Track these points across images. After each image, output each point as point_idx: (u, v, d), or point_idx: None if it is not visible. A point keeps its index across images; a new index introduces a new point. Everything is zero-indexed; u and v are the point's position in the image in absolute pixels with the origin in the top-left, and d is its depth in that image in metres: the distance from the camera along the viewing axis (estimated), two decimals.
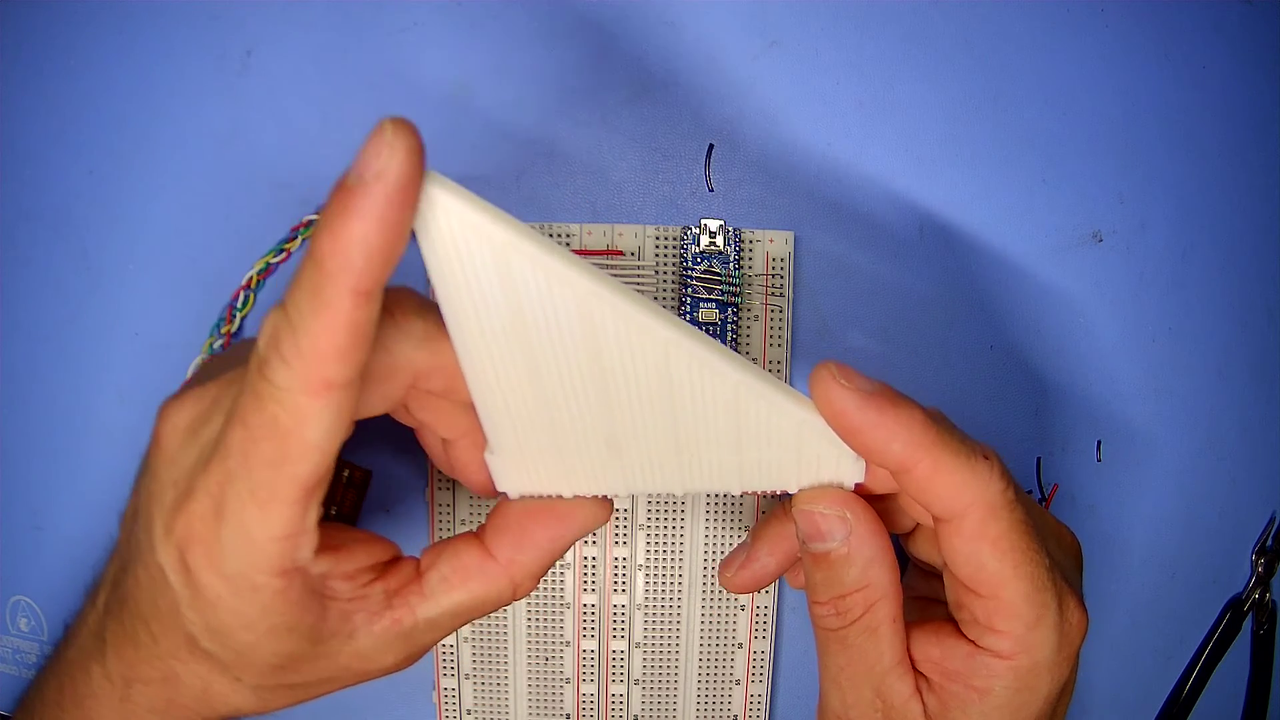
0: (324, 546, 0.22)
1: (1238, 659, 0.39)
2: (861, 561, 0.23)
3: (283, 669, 0.22)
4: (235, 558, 0.20)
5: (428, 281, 0.25)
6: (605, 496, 0.24)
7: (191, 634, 0.22)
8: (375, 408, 0.22)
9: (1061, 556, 0.25)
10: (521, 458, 0.23)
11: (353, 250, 0.18)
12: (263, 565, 0.20)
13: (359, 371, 0.19)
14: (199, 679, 0.23)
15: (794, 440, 0.23)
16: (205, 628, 0.21)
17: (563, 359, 0.21)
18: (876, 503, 0.25)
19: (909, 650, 0.24)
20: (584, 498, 0.24)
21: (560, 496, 0.24)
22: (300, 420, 0.19)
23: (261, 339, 0.19)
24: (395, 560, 0.24)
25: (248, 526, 0.20)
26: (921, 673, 0.24)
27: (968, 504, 0.22)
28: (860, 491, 0.24)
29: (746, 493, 0.25)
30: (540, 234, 0.20)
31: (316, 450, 0.20)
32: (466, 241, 0.19)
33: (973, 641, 0.23)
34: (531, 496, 0.24)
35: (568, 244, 0.34)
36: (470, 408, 0.23)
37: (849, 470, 0.24)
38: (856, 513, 0.24)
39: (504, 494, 0.24)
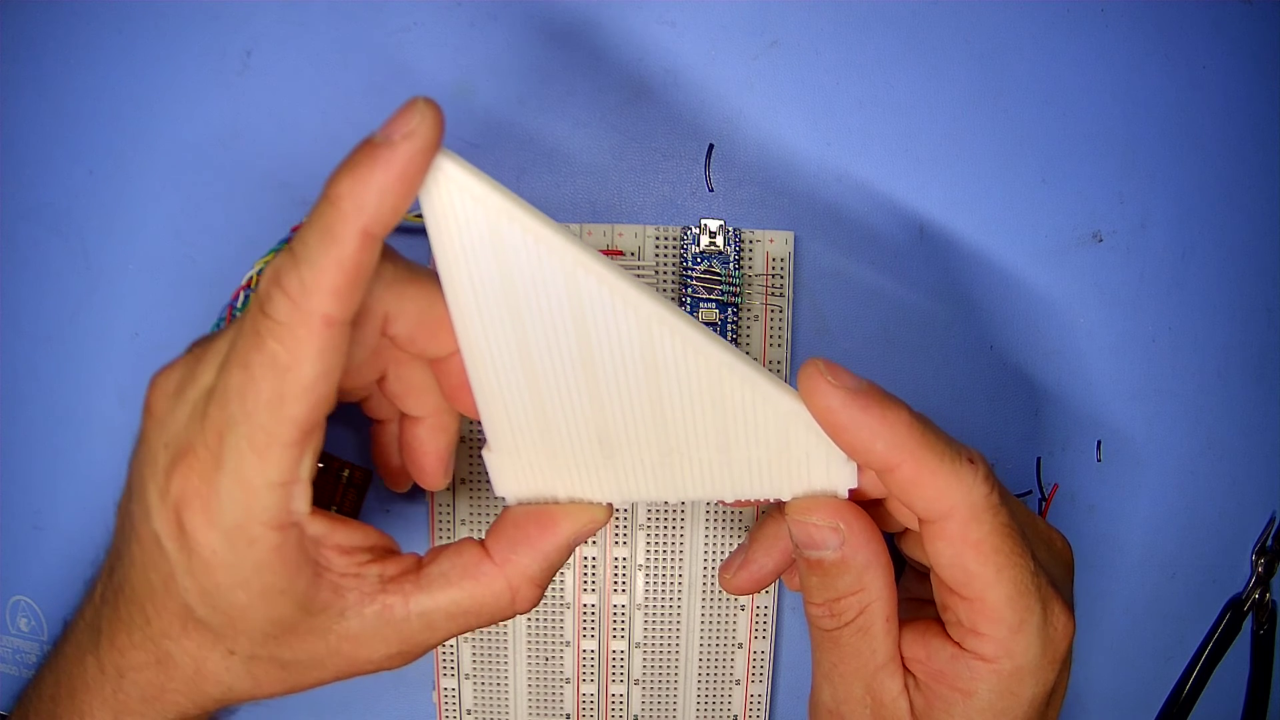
0: (320, 516, 0.22)
1: (1238, 659, 0.39)
2: (855, 568, 0.24)
3: (275, 639, 0.23)
4: (233, 509, 0.21)
5: (430, 260, 0.25)
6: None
7: (186, 603, 0.22)
8: (355, 358, 0.23)
9: (1050, 561, 0.25)
10: (518, 457, 0.24)
11: (370, 193, 0.19)
12: (259, 515, 0.21)
13: (354, 313, 0.20)
14: (191, 657, 0.23)
15: (781, 436, 0.23)
16: (200, 592, 0.22)
17: (551, 337, 0.22)
18: (871, 503, 0.25)
19: (900, 649, 0.25)
20: (580, 502, 0.24)
21: (556, 500, 0.24)
22: (299, 356, 0.20)
23: (263, 281, 0.20)
24: (396, 553, 0.24)
25: (246, 473, 0.21)
26: (910, 671, 0.25)
27: (950, 507, 0.22)
28: (854, 496, 0.24)
29: (740, 501, 0.25)
30: (536, 209, 0.21)
31: (313, 390, 0.20)
32: (464, 208, 0.20)
33: (957, 643, 0.24)
34: (528, 501, 0.24)
35: None
36: (435, 381, 0.25)
37: (840, 474, 0.24)
38: (850, 521, 0.24)
39: (501, 499, 0.25)
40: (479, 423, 0.24)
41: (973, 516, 0.22)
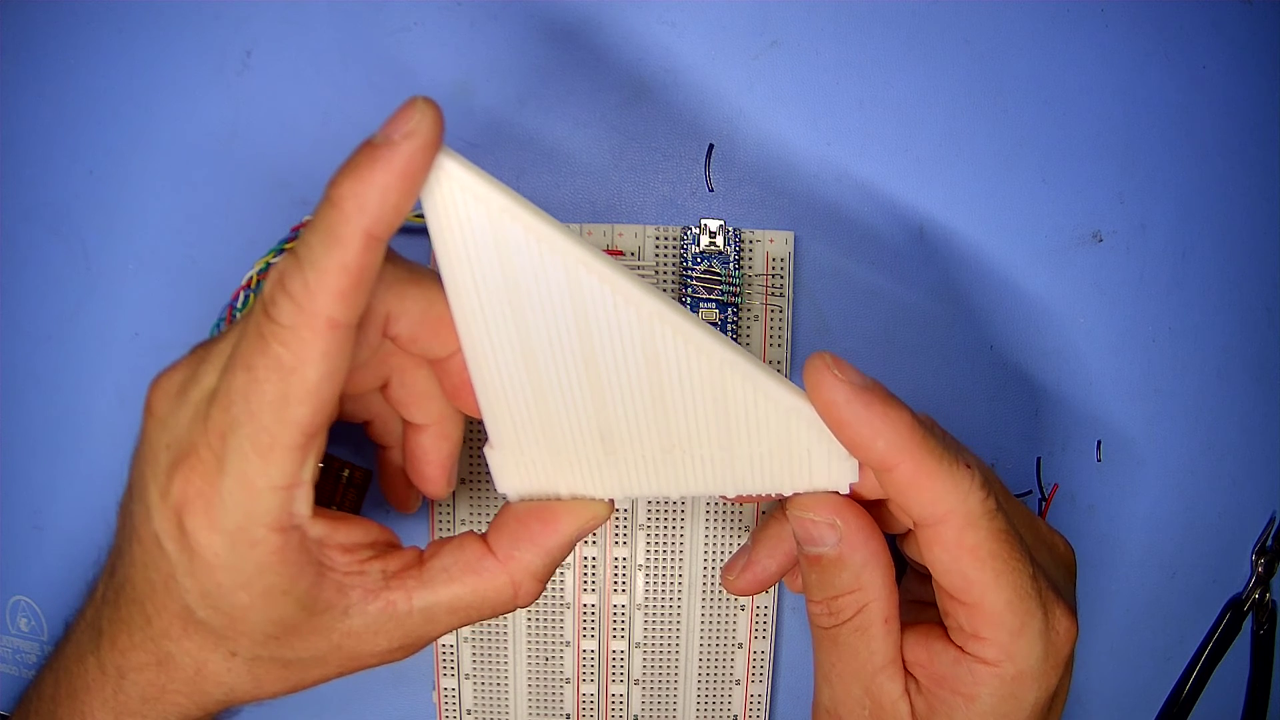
0: (322, 516, 0.22)
1: (1238, 659, 0.39)
2: (854, 566, 0.24)
3: (276, 639, 0.23)
4: (235, 511, 0.21)
5: (430, 260, 0.25)
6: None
7: (187, 604, 0.22)
8: (357, 359, 0.23)
9: (1050, 565, 0.25)
10: (520, 453, 0.24)
11: (372, 195, 0.19)
12: (262, 518, 0.21)
13: (358, 316, 0.20)
14: (192, 658, 0.23)
15: (783, 432, 0.23)
16: (201, 593, 0.22)
17: (553, 335, 0.22)
18: (874, 503, 0.25)
19: (901, 652, 0.24)
20: (581, 498, 0.24)
21: (558, 497, 0.24)
22: (303, 359, 0.20)
23: (268, 285, 0.20)
24: (398, 547, 0.24)
25: (249, 475, 0.20)
26: (912, 675, 0.24)
27: (947, 510, 0.22)
28: (856, 496, 0.24)
29: (741, 497, 0.25)
30: (538, 208, 0.21)
31: (317, 393, 0.20)
32: (466, 207, 0.20)
33: (959, 647, 0.23)
34: (530, 498, 0.24)
35: None
36: (438, 385, 0.25)
37: (841, 470, 0.24)
38: (848, 519, 0.24)
39: (503, 496, 0.25)
40: (480, 421, 0.24)
41: (968, 522, 0.22)
